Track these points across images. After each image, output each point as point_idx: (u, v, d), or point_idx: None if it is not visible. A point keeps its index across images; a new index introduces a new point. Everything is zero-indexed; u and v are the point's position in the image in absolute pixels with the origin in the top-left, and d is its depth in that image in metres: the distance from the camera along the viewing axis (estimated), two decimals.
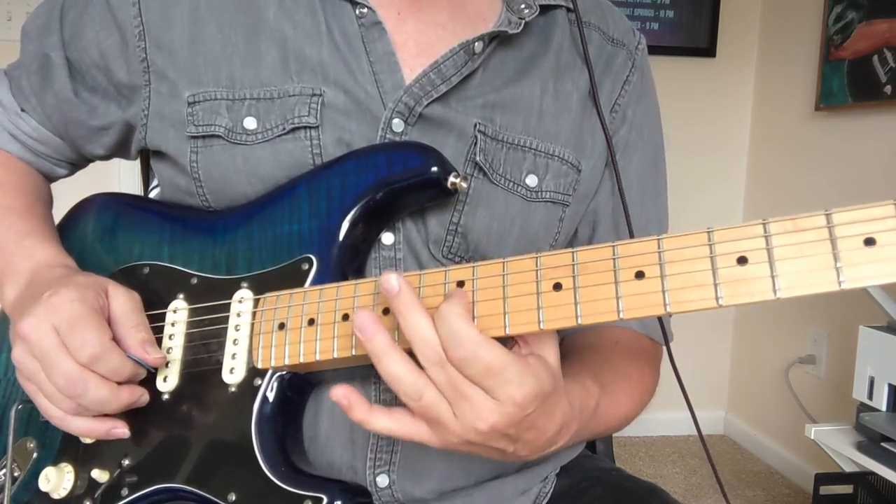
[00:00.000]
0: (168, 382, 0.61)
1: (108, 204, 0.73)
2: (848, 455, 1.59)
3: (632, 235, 0.70)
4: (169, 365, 0.62)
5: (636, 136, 0.74)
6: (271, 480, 0.56)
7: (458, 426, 0.49)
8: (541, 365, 0.49)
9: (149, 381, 0.61)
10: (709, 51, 2.49)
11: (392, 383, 0.49)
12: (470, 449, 0.51)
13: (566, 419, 0.53)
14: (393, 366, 0.49)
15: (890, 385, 1.52)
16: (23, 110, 0.74)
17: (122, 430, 0.60)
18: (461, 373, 0.48)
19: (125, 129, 0.71)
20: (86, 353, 0.56)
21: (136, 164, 0.90)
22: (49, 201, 0.78)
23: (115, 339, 0.58)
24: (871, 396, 1.56)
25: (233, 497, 0.57)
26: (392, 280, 0.49)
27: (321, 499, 0.54)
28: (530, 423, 0.50)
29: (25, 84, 0.73)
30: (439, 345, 0.48)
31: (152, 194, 0.79)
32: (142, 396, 0.60)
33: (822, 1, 2.17)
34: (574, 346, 0.70)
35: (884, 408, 1.53)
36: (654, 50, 0.78)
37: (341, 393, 0.50)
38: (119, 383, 0.58)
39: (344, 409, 0.51)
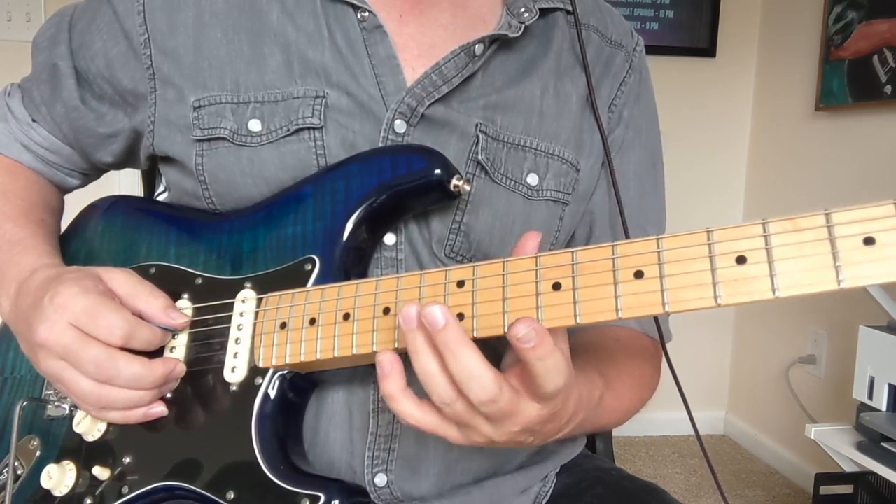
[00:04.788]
0: None
1: (116, 206, 0.73)
2: (848, 455, 1.59)
3: (627, 235, 0.70)
4: None
5: (633, 136, 0.74)
6: (270, 479, 0.56)
7: (489, 430, 0.49)
8: (564, 359, 0.49)
9: None
10: (709, 51, 2.49)
11: (426, 382, 0.47)
12: (492, 445, 0.51)
13: (577, 408, 0.54)
14: (428, 364, 0.47)
15: (890, 385, 1.52)
16: (34, 120, 0.75)
17: (159, 408, 0.60)
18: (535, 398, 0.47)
19: (133, 137, 0.71)
20: (117, 335, 0.56)
21: (136, 169, 0.91)
22: (55, 209, 0.78)
23: (134, 314, 0.59)
24: (871, 396, 1.56)
25: (231, 495, 0.57)
26: (437, 313, 0.45)
27: (318, 497, 0.54)
28: (555, 417, 0.51)
29: (36, 94, 0.74)
30: (495, 382, 0.46)
31: (160, 199, 0.80)
32: (176, 366, 0.60)
33: (822, 1, 2.17)
34: (576, 343, 0.70)
35: (884, 408, 1.53)
36: (654, 50, 0.78)
37: (387, 358, 0.48)
38: (148, 357, 0.58)
39: (379, 375, 0.49)
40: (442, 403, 0.48)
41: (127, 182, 1.94)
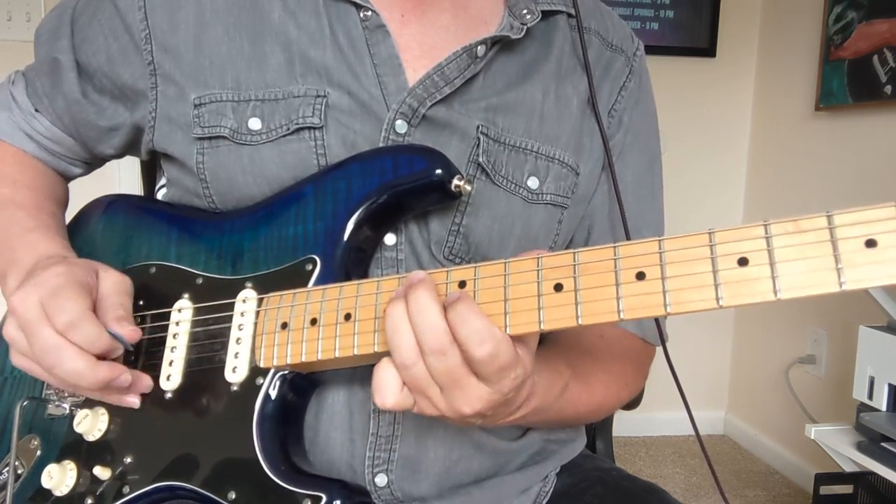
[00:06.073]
0: (171, 381, 0.62)
1: (118, 205, 0.73)
2: (848, 455, 1.59)
3: (628, 238, 0.70)
4: (173, 364, 0.62)
5: (632, 140, 0.74)
6: (271, 479, 0.56)
7: (443, 404, 0.50)
8: (527, 353, 0.51)
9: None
10: (709, 51, 2.49)
11: (393, 338, 0.49)
12: (444, 420, 0.53)
13: (530, 393, 0.55)
14: (400, 320, 0.49)
15: (890, 385, 1.53)
16: (37, 110, 0.75)
17: (133, 399, 0.61)
18: (472, 366, 0.48)
19: (134, 131, 0.71)
20: (62, 319, 0.56)
21: (136, 165, 0.91)
22: (62, 199, 0.79)
23: (96, 315, 0.59)
24: (871, 396, 1.56)
25: (232, 495, 0.57)
26: (419, 272, 0.50)
27: (320, 498, 0.54)
28: (507, 404, 0.52)
29: (38, 86, 0.74)
30: (447, 334, 0.48)
31: (159, 194, 0.80)
32: (122, 375, 0.59)
33: (822, 1, 2.17)
34: (554, 335, 0.70)
35: (884, 408, 1.53)
36: (654, 50, 0.78)
37: None
38: (100, 360, 0.58)
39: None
40: (402, 365, 0.49)
41: (127, 178, 1.94)
